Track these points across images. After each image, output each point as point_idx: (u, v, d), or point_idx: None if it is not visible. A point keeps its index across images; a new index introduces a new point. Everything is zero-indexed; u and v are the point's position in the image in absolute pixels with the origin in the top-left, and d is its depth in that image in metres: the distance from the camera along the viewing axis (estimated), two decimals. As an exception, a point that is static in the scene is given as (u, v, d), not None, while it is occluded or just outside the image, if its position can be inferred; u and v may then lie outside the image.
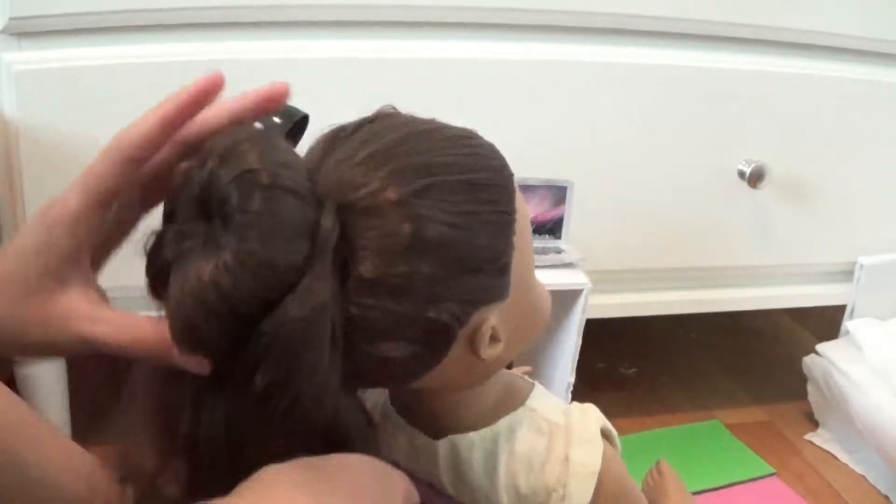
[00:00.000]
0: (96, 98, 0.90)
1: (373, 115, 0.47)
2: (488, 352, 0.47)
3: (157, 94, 0.98)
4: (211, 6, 0.90)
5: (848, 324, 1.27)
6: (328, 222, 0.40)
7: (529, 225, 0.50)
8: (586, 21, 1.02)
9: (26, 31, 0.87)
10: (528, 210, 0.49)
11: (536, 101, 1.03)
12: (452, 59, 0.99)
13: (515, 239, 0.46)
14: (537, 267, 1.03)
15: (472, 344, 0.46)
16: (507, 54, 1.01)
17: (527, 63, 1.02)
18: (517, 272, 0.47)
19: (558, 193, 1.02)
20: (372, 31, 0.96)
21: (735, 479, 1.18)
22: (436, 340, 0.44)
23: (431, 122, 0.47)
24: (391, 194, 0.41)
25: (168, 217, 0.42)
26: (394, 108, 0.48)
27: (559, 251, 1.02)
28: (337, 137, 0.45)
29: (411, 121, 0.46)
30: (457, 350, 0.46)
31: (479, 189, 0.44)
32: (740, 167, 1.12)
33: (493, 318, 0.46)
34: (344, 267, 0.41)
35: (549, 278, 1.01)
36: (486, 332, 0.46)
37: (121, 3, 0.88)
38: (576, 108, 1.05)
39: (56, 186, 0.97)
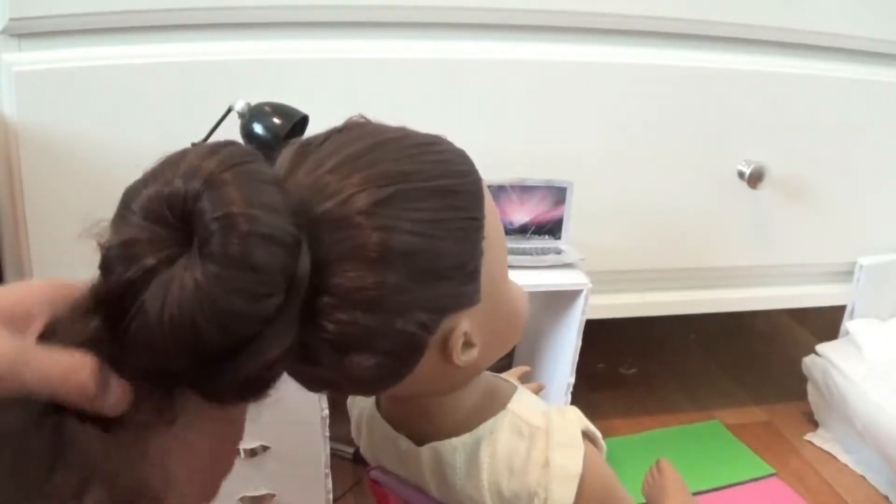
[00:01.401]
0: (96, 98, 0.90)
1: (341, 125, 0.46)
2: (462, 358, 0.46)
3: (157, 94, 0.98)
4: (211, 7, 0.90)
5: (848, 324, 1.27)
6: (305, 265, 0.40)
7: (501, 229, 0.49)
8: (586, 21, 1.02)
9: (26, 32, 0.87)
10: (498, 214, 0.49)
11: (536, 101, 1.03)
12: (452, 60, 0.98)
13: (485, 244, 0.46)
14: (537, 267, 1.03)
15: (445, 351, 0.46)
16: (507, 54, 1.01)
17: (527, 63, 1.02)
18: (488, 276, 0.46)
19: (558, 194, 1.02)
20: (371, 32, 0.96)
21: (735, 480, 1.18)
22: (405, 351, 0.44)
23: (400, 129, 0.46)
24: (357, 204, 0.41)
25: (147, 212, 0.39)
26: (364, 117, 0.47)
27: (559, 251, 1.02)
28: (306, 149, 0.44)
29: (379, 129, 0.46)
30: (430, 357, 0.45)
31: (445, 195, 0.44)
32: (740, 167, 1.12)
33: (464, 323, 0.45)
34: (315, 284, 0.41)
35: (549, 278, 1.02)
36: (458, 338, 0.45)
37: (120, 4, 0.88)
38: (576, 108, 1.05)
39: (56, 186, 0.97)
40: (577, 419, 0.53)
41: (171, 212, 0.38)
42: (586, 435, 0.52)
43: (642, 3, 1.02)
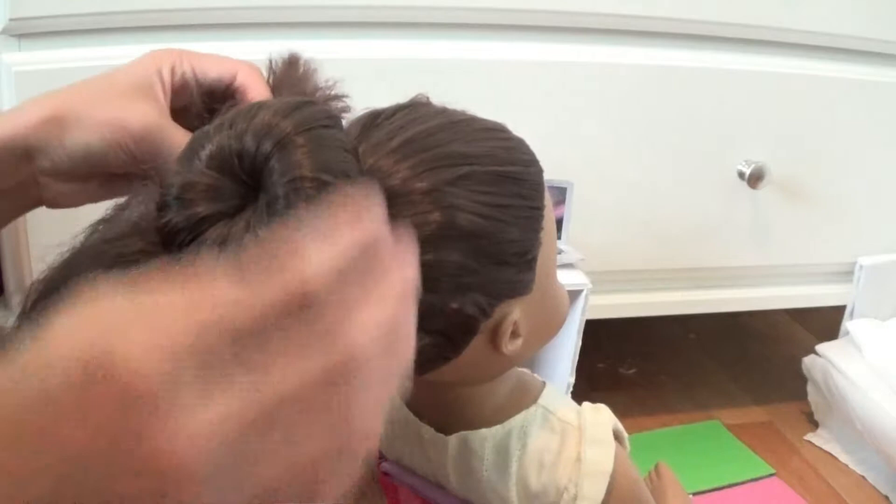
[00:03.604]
0: (96, 98, 0.90)
1: (408, 102, 0.47)
2: (509, 347, 0.47)
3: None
4: (211, 7, 0.90)
5: (848, 324, 1.27)
6: None
7: (554, 222, 0.50)
8: (586, 21, 1.02)
9: (26, 32, 0.87)
10: (552, 209, 0.49)
11: (537, 101, 1.03)
12: (452, 60, 0.99)
13: (542, 234, 0.46)
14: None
15: (494, 338, 0.46)
16: (506, 54, 1.01)
17: (527, 63, 1.02)
18: (541, 268, 0.47)
19: (558, 194, 1.02)
20: (370, 33, 0.96)
21: (735, 480, 1.18)
22: (458, 332, 0.44)
23: (463, 112, 0.47)
24: (424, 182, 0.41)
25: (213, 160, 0.38)
26: (427, 97, 0.48)
27: (559, 251, 1.02)
28: (373, 122, 0.44)
29: (445, 110, 0.47)
30: (477, 344, 0.46)
31: (512, 182, 0.44)
32: (740, 167, 1.12)
33: (516, 312, 0.46)
34: None
35: (548, 278, 1.02)
36: (509, 326, 0.46)
37: (121, 4, 0.88)
38: (576, 108, 1.05)
39: (56, 187, 0.96)
40: (609, 417, 0.53)
41: (240, 166, 0.38)
42: (615, 434, 0.53)
43: (642, 4, 1.02)
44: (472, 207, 0.42)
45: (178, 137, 0.48)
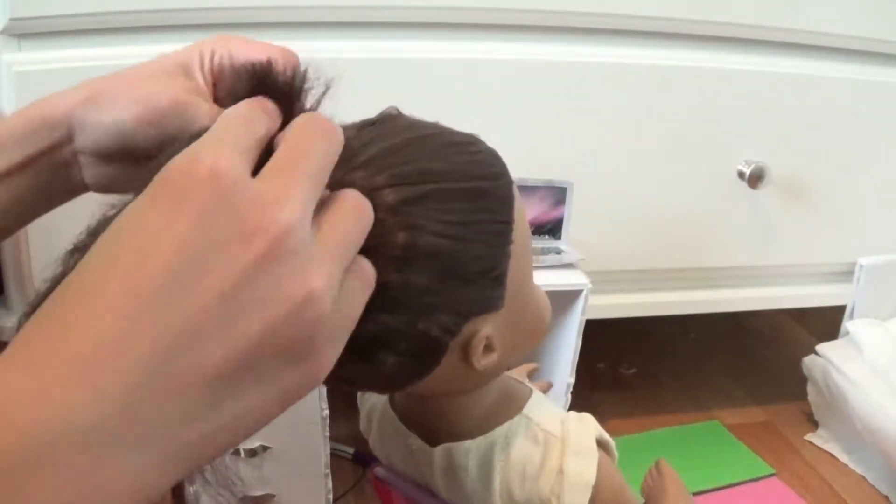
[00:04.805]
0: (96, 98, 0.90)
1: (376, 117, 0.46)
2: (482, 362, 0.46)
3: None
4: (211, 7, 0.90)
5: (848, 324, 1.27)
6: None
7: (529, 232, 0.49)
8: (586, 21, 1.02)
9: (26, 32, 0.87)
10: (526, 217, 0.48)
11: (537, 101, 1.03)
12: (451, 60, 0.99)
13: (512, 248, 0.45)
14: (537, 268, 1.03)
15: (465, 354, 0.45)
16: (507, 54, 1.01)
17: (527, 63, 1.02)
18: (514, 281, 0.46)
19: (558, 194, 1.02)
20: (369, 32, 0.96)
21: (735, 480, 1.18)
22: (426, 352, 0.43)
23: (434, 126, 0.46)
24: (387, 200, 0.40)
25: None
26: (397, 109, 0.47)
27: (559, 251, 1.02)
28: None
29: (413, 125, 0.45)
30: (450, 360, 0.45)
31: (477, 197, 0.43)
32: (740, 167, 1.12)
33: (487, 328, 0.45)
34: None
35: (549, 279, 1.02)
36: (480, 342, 0.45)
37: (121, 4, 0.88)
38: (576, 108, 1.05)
39: (56, 187, 0.95)
40: (593, 427, 0.52)
41: None
42: (599, 443, 0.52)
43: (642, 4, 1.03)
44: (436, 227, 0.41)
45: (208, 116, 0.47)
